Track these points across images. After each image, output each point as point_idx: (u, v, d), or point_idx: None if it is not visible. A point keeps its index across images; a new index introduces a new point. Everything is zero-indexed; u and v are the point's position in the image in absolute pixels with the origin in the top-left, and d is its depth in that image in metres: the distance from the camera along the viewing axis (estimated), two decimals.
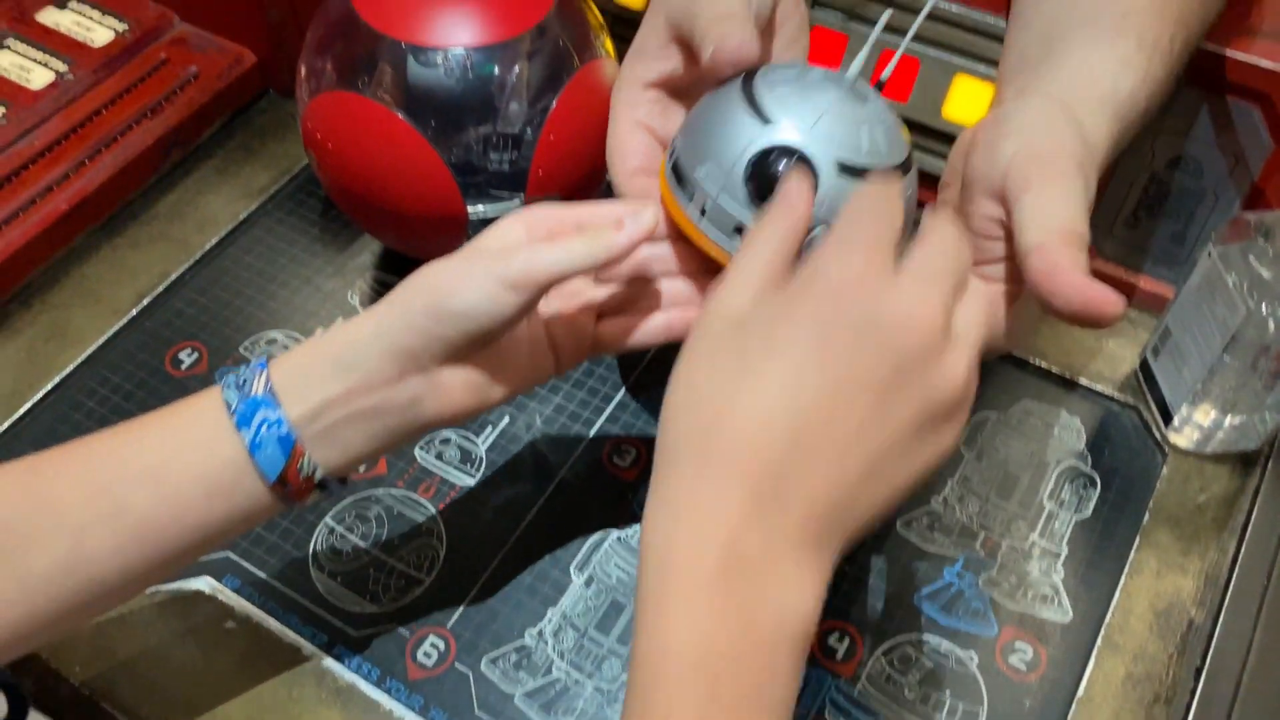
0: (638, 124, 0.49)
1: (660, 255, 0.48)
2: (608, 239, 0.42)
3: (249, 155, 0.72)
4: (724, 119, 0.43)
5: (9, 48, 0.73)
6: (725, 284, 0.38)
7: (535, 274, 0.41)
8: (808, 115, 0.41)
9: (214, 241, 0.67)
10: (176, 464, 0.41)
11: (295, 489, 0.42)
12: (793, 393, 0.34)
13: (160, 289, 0.65)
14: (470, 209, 0.57)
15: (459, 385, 0.43)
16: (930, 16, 0.62)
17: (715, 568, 0.34)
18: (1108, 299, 0.37)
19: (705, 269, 0.47)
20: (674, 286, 0.48)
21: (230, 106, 0.74)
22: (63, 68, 0.71)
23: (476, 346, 0.42)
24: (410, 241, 0.61)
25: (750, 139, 0.42)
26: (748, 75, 0.44)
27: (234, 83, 0.73)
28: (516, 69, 0.55)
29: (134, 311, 0.64)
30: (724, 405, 0.35)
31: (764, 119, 0.42)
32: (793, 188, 0.40)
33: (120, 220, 0.68)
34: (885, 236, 0.36)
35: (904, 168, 0.43)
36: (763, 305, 0.36)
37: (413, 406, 0.43)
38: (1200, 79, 0.58)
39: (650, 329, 0.48)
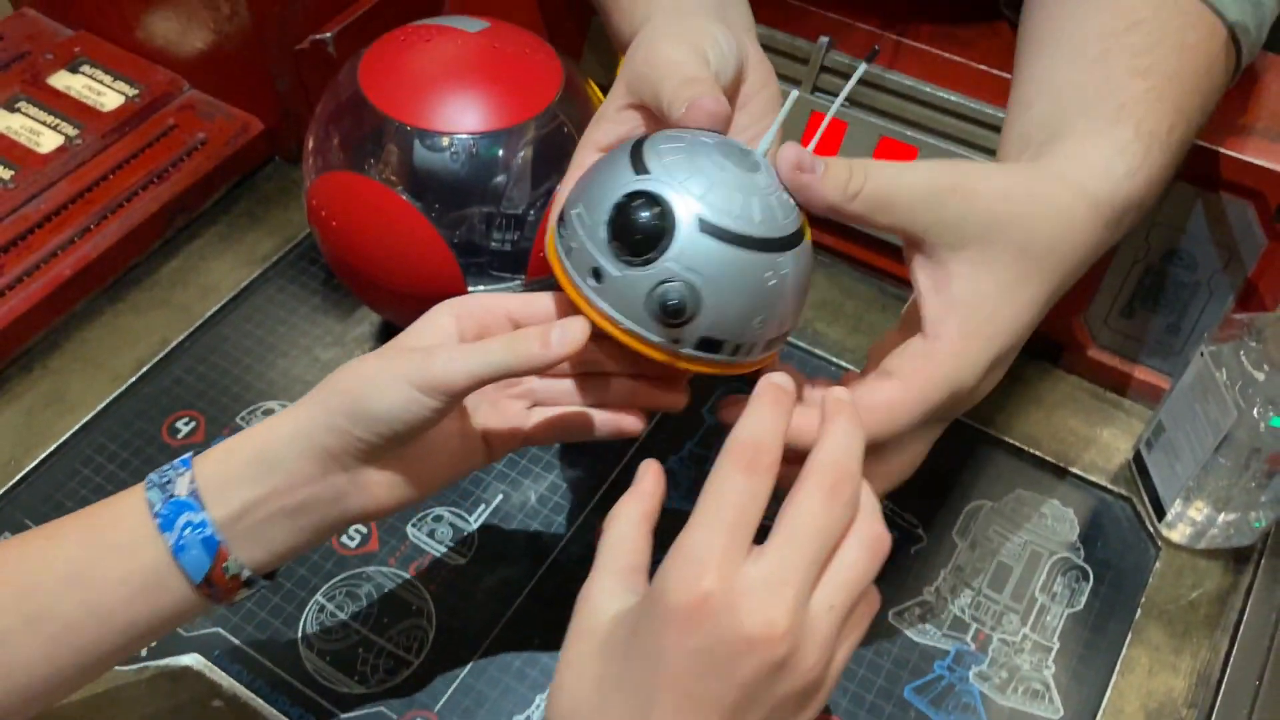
0: None
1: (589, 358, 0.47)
2: (529, 352, 0.41)
3: (253, 222, 0.73)
4: (605, 170, 0.43)
5: (20, 110, 0.74)
6: (592, 582, 0.39)
7: (453, 381, 0.41)
8: (682, 172, 0.41)
9: (215, 309, 0.68)
10: (100, 568, 0.41)
11: (222, 589, 0.42)
12: None
13: (160, 356, 0.65)
14: (471, 289, 0.57)
15: (384, 483, 0.43)
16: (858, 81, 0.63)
17: None
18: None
19: (635, 364, 0.46)
20: (610, 385, 0.48)
21: (236, 173, 0.75)
22: (72, 132, 0.72)
23: (398, 445, 0.42)
24: (411, 318, 0.61)
25: (621, 186, 0.41)
26: (642, 136, 0.44)
27: (241, 150, 0.74)
28: (521, 153, 0.56)
29: (133, 378, 0.64)
30: None
31: (640, 171, 0.42)
32: (644, 472, 0.41)
33: (123, 285, 0.69)
34: (741, 519, 0.35)
35: (786, 243, 0.42)
36: (617, 626, 0.36)
37: (337, 503, 0.43)
38: (1195, 175, 0.59)
39: (577, 424, 0.48)
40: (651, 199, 0.41)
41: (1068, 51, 0.51)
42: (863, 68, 0.47)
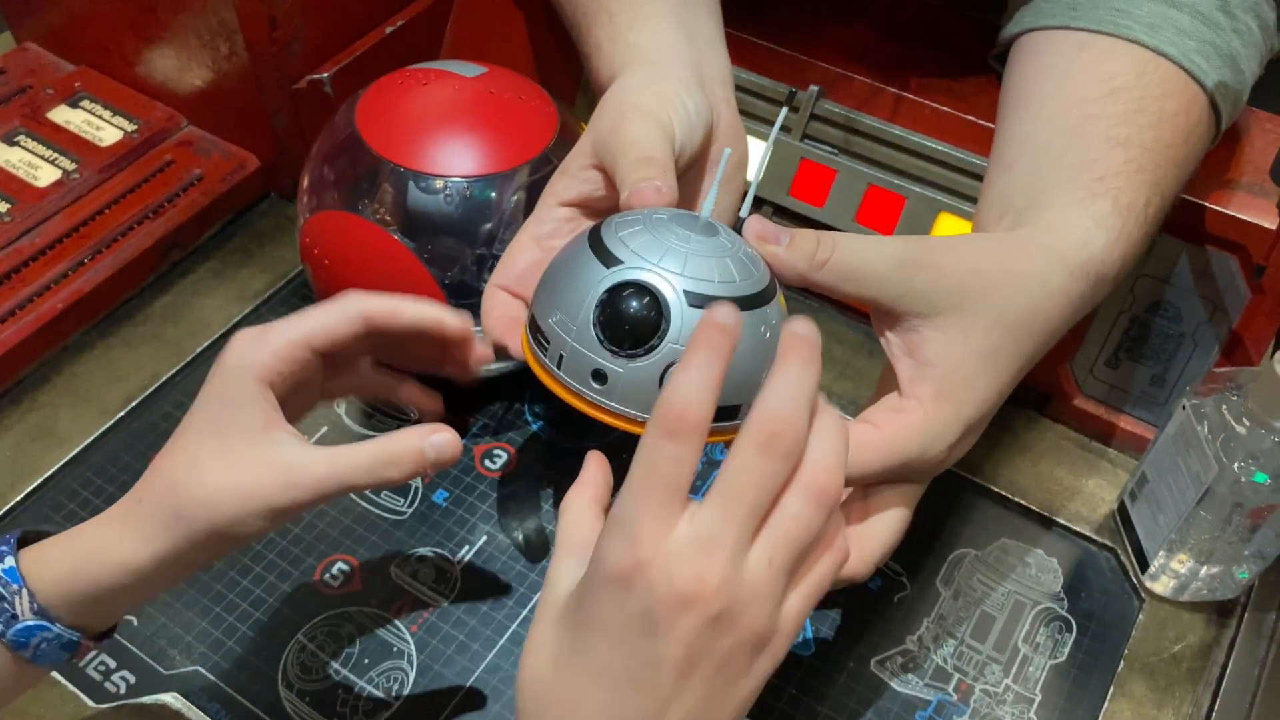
0: (536, 239, 0.50)
1: None
2: (397, 475, 0.43)
3: (247, 258, 0.73)
4: (571, 269, 0.43)
5: (19, 144, 0.74)
6: (552, 563, 0.40)
7: (317, 499, 0.42)
8: (652, 253, 0.41)
9: (206, 344, 0.68)
10: None
11: (80, 659, 0.43)
12: (596, 706, 0.36)
13: (149, 391, 0.65)
14: None
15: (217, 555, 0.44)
16: (847, 129, 0.65)
17: None
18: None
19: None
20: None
21: (231, 209, 0.75)
22: (70, 166, 0.73)
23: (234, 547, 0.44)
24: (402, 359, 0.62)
25: (597, 281, 0.41)
26: (594, 227, 0.44)
27: (236, 186, 0.75)
28: (514, 197, 0.57)
29: (122, 413, 0.64)
30: (548, 714, 0.37)
31: (609, 261, 0.42)
32: (588, 462, 0.43)
33: (115, 320, 0.69)
34: (673, 485, 0.35)
35: (768, 294, 0.42)
36: (569, 599, 0.37)
37: (180, 580, 0.44)
38: (1180, 228, 0.59)
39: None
40: (636, 287, 0.41)
41: (1049, 115, 0.52)
42: (784, 112, 0.47)
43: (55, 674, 0.53)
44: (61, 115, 0.77)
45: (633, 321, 0.40)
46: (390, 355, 0.50)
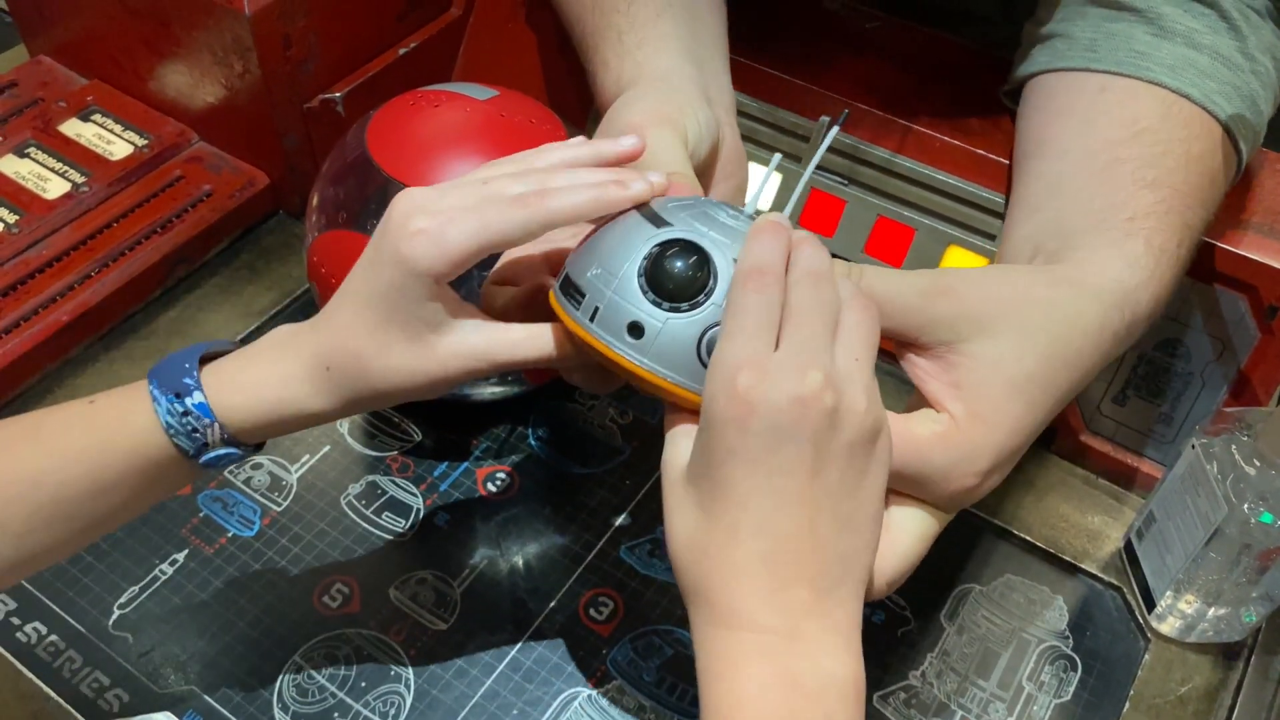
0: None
1: None
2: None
3: (253, 275, 0.73)
4: (617, 231, 0.43)
5: (30, 156, 0.75)
6: (666, 447, 0.41)
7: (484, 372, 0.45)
8: (700, 223, 0.42)
9: None
10: (113, 464, 0.44)
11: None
12: (752, 528, 0.38)
13: None
14: None
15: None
16: (857, 161, 0.65)
17: (770, 679, 0.37)
18: None
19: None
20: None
21: (239, 226, 0.75)
22: (80, 179, 0.73)
23: None
24: None
25: (646, 238, 0.42)
26: (642, 203, 0.44)
27: (245, 203, 0.75)
28: None
29: None
30: (708, 562, 0.39)
31: (659, 224, 0.42)
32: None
33: (120, 333, 0.69)
34: (762, 323, 0.38)
35: None
36: (691, 461, 0.40)
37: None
38: (1190, 268, 0.59)
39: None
40: (686, 245, 0.41)
41: (1074, 157, 0.51)
42: (834, 131, 0.47)
43: (47, 689, 0.53)
44: (73, 128, 0.77)
45: (680, 275, 0.41)
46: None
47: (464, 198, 0.43)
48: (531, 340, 0.45)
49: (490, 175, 0.45)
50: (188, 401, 0.44)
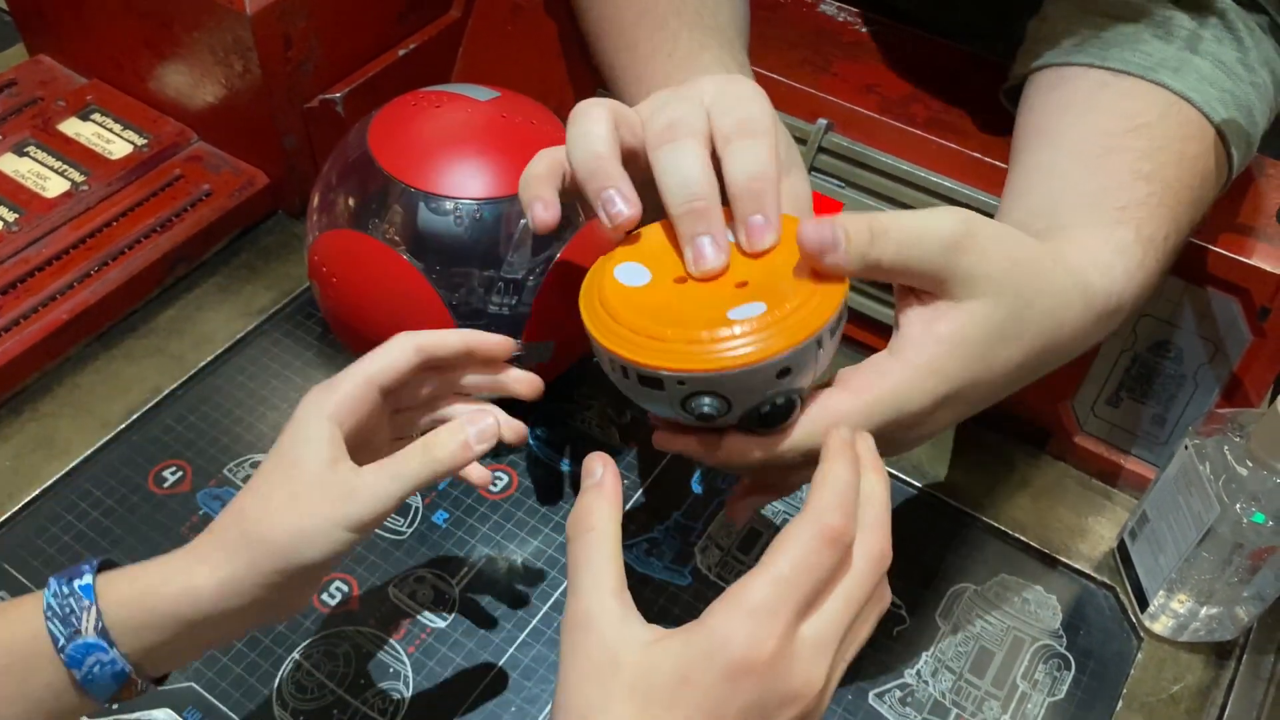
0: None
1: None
2: (450, 458, 0.44)
3: (253, 274, 0.73)
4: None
5: (29, 155, 0.75)
6: (588, 605, 0.38)
7: (380, 512, 0.42)
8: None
9: (209, 359, 0.68)
10: None
11: (126, 699, 0.42)
12: None
13: (151, 404, 0.65)
14: None
15: (300, 596, 0.45)
16: (855, 164, 0.66)
17: None
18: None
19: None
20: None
21: (238, 225, 0.75)
22: (79, 178, 0.73)
23: (322, 576, 0.44)
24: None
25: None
26: None
27: (245, 203, 0.75)
28: (524, 220, 0.57)
29: (122, 425, 0.64)
30: None
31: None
32: (599, 467, 0.41)
33: (119, 332, 0.69)
34: (810, 596, 0.37)
35: None
36: (654, 668, 0.36)
37: (248, 628, 0.44)
38: (1183, 270, 0.60)
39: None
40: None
41: (1069, 145, 0.52)
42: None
43: None
44: (72, 127, 0.77)
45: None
46: (446, 389, 0.51)
47: None
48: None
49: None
50: (75, 583, 0.41)
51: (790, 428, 0.43)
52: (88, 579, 0.41)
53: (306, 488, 0.42)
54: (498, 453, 0.64)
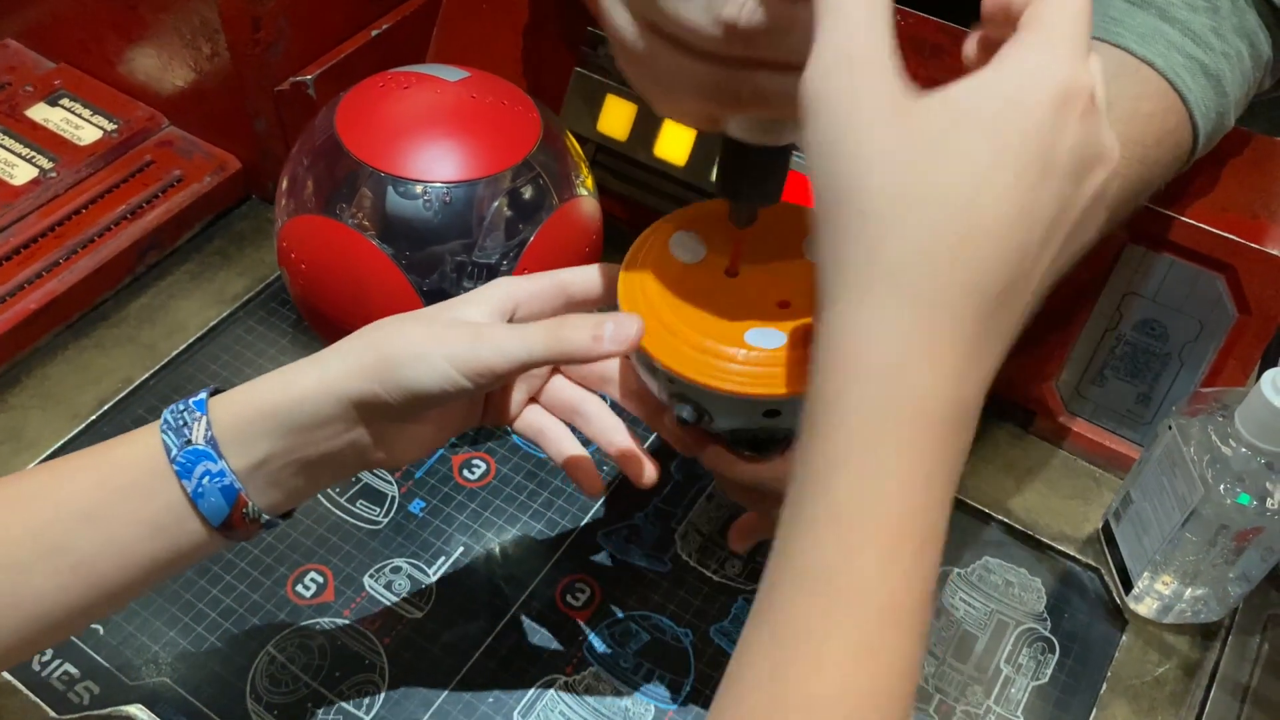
0: None
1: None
2: (577, 342, 0.41)
3: (225, 261, 0.72)
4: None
5: None
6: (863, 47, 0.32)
7: (496, 367, 0.41)
8: None
9: (181, 348, 0.67)
10: (116, 507, 0.40)
11: (240, 531, 0.42)
12: (971, 212, 0.31)
13: (122, 394, 0.64)
14: None
15: (404, 439, 0.44)
16: None
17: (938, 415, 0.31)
18: None
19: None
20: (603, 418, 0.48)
21: (211, 211, 0.74)
22: (47, 165, 0.72)
23: (424, 410, 0.42)
24: None
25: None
26: None
27: (217, 188, 0.74)
28: (496, 203, 0.56)
29: (93, 417, 0.63)
30: (935, 223, 0.31)
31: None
32: None
33: (89, 321, 0.68)
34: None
35: None
36: (930, 97, 0.31)
37: (358, 455, 0.43)
38: (1168, 247, 0.59)
39: (558, 441, 0.49)
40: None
41: None
42: None
43: (16, 682, 0.52)
44: (40, 113, 0.75)
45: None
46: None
47: None
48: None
49: None
50: (190, 400, 0.41)
51: (779, 458, 0.42)
52: (202, 395, 0.42)
53: (445, 326, 0.42)
54: (475, 440, 0.64)
